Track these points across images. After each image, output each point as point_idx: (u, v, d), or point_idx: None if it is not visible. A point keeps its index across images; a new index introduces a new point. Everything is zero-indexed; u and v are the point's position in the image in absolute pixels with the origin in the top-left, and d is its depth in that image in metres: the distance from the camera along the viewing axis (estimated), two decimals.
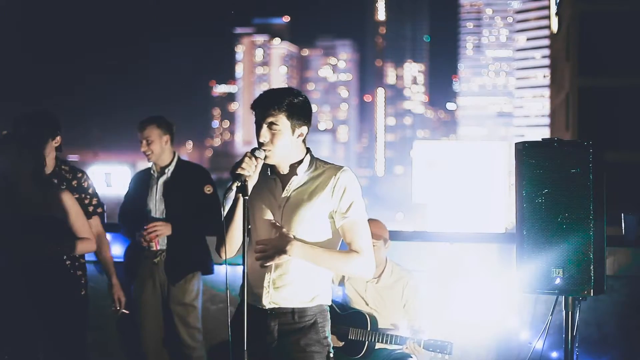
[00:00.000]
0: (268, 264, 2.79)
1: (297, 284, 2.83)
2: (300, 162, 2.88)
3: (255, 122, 2.83)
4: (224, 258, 2.77)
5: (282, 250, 2.76)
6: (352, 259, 2.81)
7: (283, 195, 2.85)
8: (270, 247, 2.78)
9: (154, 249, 4.42)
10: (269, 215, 2.86)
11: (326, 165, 2.89)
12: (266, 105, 2.80)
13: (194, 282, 4.56)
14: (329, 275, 2.94)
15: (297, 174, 2.85)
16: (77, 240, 3.78)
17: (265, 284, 2.83)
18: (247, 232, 2.77)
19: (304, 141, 2.89)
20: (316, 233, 2.84)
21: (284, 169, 2.88)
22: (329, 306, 4.20)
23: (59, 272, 3.79)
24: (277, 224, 2.83)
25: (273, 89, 2.89)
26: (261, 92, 2.88)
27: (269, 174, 2.89)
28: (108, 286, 4.37)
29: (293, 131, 2.81)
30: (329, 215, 2.84)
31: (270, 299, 2.83)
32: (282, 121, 2.79)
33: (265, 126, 2.79)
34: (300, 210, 2.81)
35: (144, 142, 4.50)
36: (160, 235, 4.39)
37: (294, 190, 2.85)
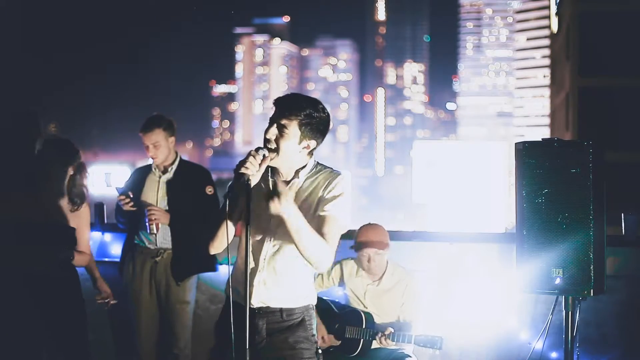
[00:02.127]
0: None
1: (285, 284, 2.85)
2: (303, 167, 2.88)
3: (270, 118, 2.84)
4: (211, 252, 2.86)
5: (282, 195, 2.65)
6: (323, 244, 2.74)
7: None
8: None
9: (154, 232, 4.39)
10: (264, 216, 2.85)
11: (325, 170, 2.89)
12: (284, 107, 2.80)
13: (194, 279, 4.60)
14: (313, 275, 2.96)
15: (298, 177, 2.86)
16: (78, 252, 3.97)
17: (255, 283, 2.84)
18: (246, 230, 2.77)
19: (310, 154, 2.88)
20: None
21: (287, 175, 2.88)
22: (328, 306, 4.24)
23: (63, 275, 3.84)
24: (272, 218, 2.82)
25: (301, 95, 2.86)
26: (289, 93, 2.88)
27: (270, 176, 2.89)
28: (92, 281, 4.27)
29: (300, 141, 2.81)
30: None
31: (259, 299, 2.84)
32: (292, 127, 2.78)
33: (275, 125, 2.80)
34: None
35: (151, 146, 4.47)
36: (157, 220, 4.37)
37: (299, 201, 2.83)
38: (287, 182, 2.87)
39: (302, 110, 2.78)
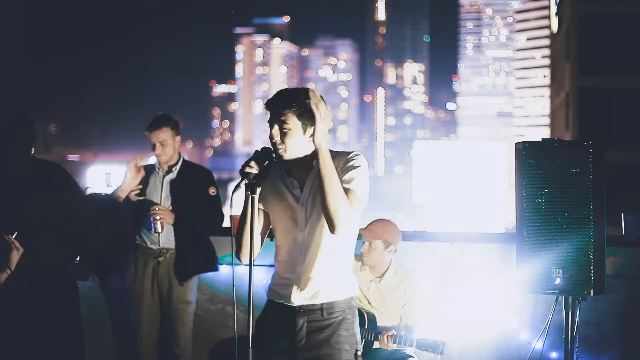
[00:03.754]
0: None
1: (324, 278, 2.83)
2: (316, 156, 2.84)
3: (268, 122, 2.85)
4: (245, 262, 2.80)
5: (322, 132, 2.70)
6: (346, 201, 2.71)
7: (304, 193, 2.85)
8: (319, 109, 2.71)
9: (158, 231, 4.39)
10: (291, 217, 2.86)
11: (340, 152, 2.88)
12: (277, 105, 2.81)
13: (196, 279, 4.61)
14: (350, 264, 2.94)
15: (314, 168, 2.82)
16: None
17: (295, 280, 2.83)
18: (267, 234, 2.85)
19: None
20: None
21: (301, 166, 2.86)
22: None
23: (58, 276, 3.83)
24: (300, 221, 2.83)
25: (286, 88, 2.89)
26: (276, 92, 2.88)
27: (287, 175, 2.89)
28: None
29: (304, 131, 2.80)
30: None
31: (299, 296, 2.83)
32: (292, 120, 2.78)
33: (276, 126, 2.81)
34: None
35: (158, 144, 4.47)
36: (162, 219, 4.37)
37: (315, 184, 2.82)
38: (304, 177, 2.86)
39: (293, 101, 2.79)
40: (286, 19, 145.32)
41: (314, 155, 2.81)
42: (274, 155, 2.80)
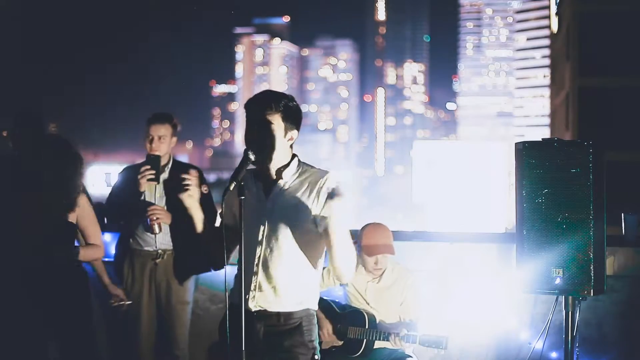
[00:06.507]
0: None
1: (283, 289, 2.83)
2: (287, 166, 2.86)
3: (248, 121, 2.83)
4: (223, 265, 2.79)
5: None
6: (353, 255, 2.82)
7: (269, 200, 2.85)
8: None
9: (156, 232, 4.37)
10: (255, 222, 2.85)
11: (312, 170, 2.89)
12: (264, 104, 2.80)
13: (193, 279, 4.60)
14: (317, 279, 2.95)
15: (282, 178, 2.84)
16: (89, 247, 3.95)
17: (252, 287, 2.83)
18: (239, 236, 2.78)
19: (291, 146, 2.89)
20: (303, 237, 2.83)
21: (271, 173, 2.87)
22: (329, 306, 4.24)
23: (70, 273, 3.84)
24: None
25: (270, 90, 2.89)
26: (256, 92, 2.89)
27: (253, 179, 2.89)
28: (103, 286, 4.31)
29: (285, 133, 2.82)
30: (314, 220, 2.83)
31: (256, 302, 2.83)
32: (276, 120, 2.79)
33: (259, 124, 2.79)
34: (286, 215, 2.81)
35: (157, 138, 4.43)
36: (160, 220, 4.36)
37: (280, 194, 2.84)
38: (271, 184, 2.86)
39: (280, 102, 2.80)
40: (286, 19, 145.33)
41: (285, 162, 2.84)
42: (254, 157, 2.78)
